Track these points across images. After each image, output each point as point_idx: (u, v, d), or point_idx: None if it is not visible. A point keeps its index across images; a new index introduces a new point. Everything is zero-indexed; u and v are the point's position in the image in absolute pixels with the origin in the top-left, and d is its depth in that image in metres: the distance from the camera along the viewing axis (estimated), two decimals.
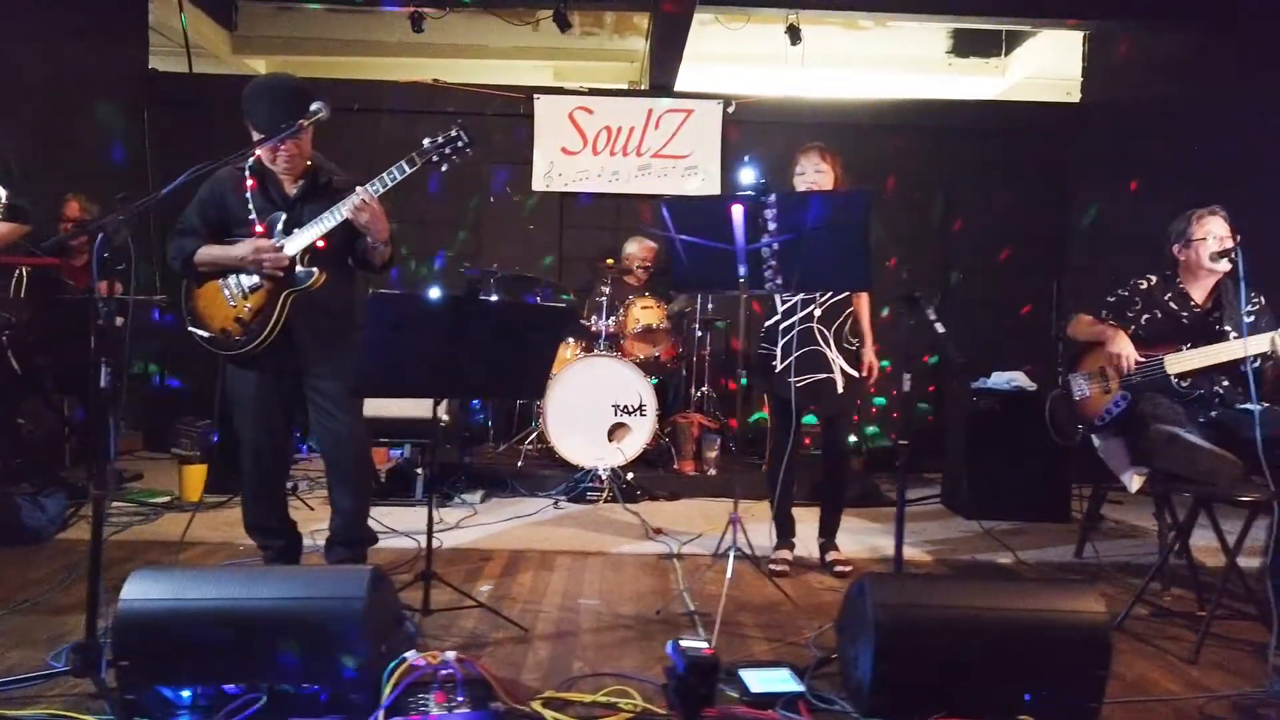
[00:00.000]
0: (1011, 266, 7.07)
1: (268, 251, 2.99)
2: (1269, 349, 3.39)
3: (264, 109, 2.97)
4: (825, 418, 3.83)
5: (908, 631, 2.21)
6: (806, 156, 3.70)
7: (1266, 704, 2.44)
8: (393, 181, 2.99)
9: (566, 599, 3.26)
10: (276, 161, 3.05)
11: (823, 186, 3.63)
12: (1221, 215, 3.60)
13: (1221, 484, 2.91)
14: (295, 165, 3.08)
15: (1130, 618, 3.13)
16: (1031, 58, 8.21)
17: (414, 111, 7.07)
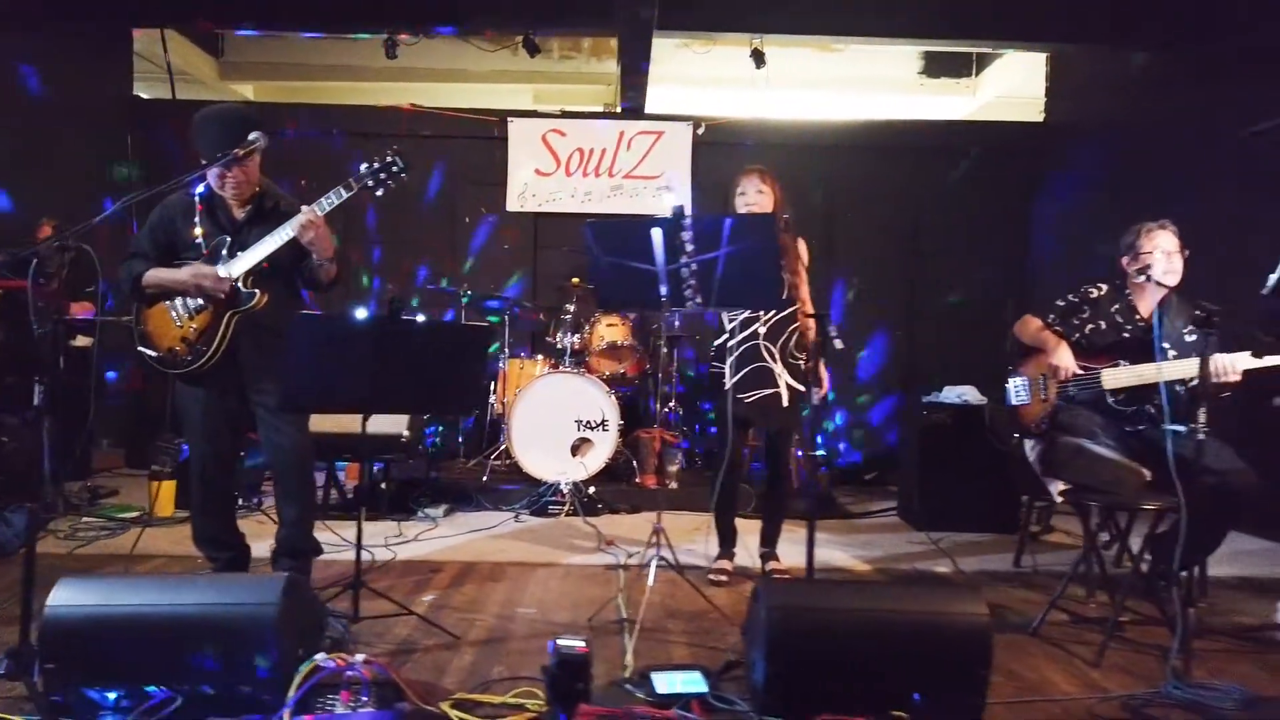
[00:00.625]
0: (978, 284, 7.19)
1: (208, 278, 3.12)
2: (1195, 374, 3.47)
3: (209, 137, 3.11)
4: (771, 432, 3.95)
5: (797, 633, 2.31)
6: (748, 179, 3.84)
7: (1155, 704, 2.53)
8: (330, 205, 3.12)
9: (505, 608, 3.38)
10: (225, 187, 3.19)
11: (763, 208, 3.76)
12: (1171, 230, 3.65)
13: (1126, 494, 3.01)
14: (242, 191, 3.22)
15: (1047, 623, 3.22)
16: (1002, 77, 8.37)
17: (391, 135, 7.24)
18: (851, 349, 7.11)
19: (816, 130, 7.41)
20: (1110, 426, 3.60)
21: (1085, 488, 3.11)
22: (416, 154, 7.11)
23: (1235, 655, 2.98)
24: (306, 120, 7.27)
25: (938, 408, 5.04)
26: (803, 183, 7.28)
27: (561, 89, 8.76)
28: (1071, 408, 3.57)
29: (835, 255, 7.32)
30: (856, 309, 7.33)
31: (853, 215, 7.28)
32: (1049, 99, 7.36)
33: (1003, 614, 3.44)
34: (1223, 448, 3.42)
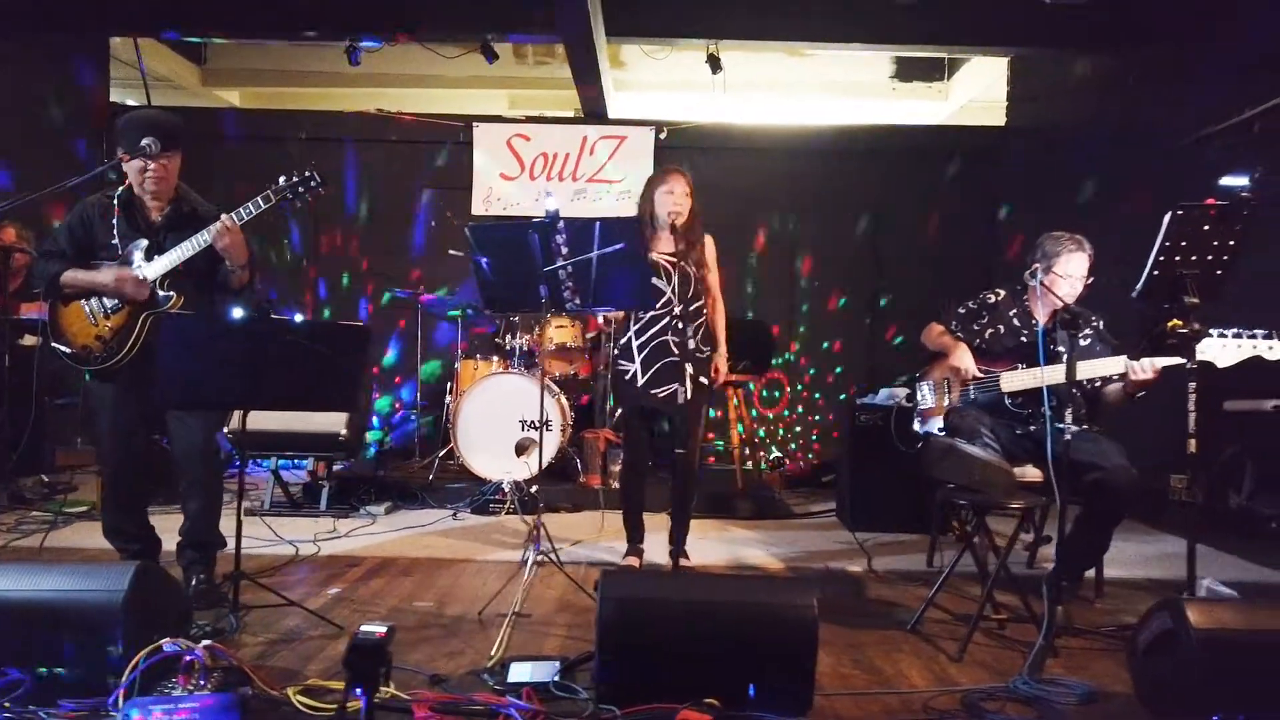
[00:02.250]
0: (941, 287, 7.20)
1: (129, 282, 3.23)
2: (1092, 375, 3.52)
3: (130, 140, 3.23)
4: (673, 427, 4.01)
5: (630, 622, 2.39)
6: (675, 179, 3.92)
7: (994, 698, 2.58)
8: (248, 215, 3.22)
9: (404, 602, 3.47)
10: (145, 184, 3.30)
11: (685, 210, 3.84)
12: (1086, 252, 3.66)
13: (994, 493, 3.06)
14: (161, 191, 3.33)
15: (928, 620, 3.28)
16: (973, 81, 8.38)
17: (361, 139, 7.41)
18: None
19: (779, 135, 7.48)
20: (1003, 427, 3.66)
21: (956, 486, 3.15)
22: (384, 158, 7.38)
23: (1102, 654, 3.01)
24: (276, 125, 7.43)
25: (870, 410, 5.08)
26: (766, 187, 7.36)
27: (536, 94, 8.86)
28: (961, 409, 3.63)
29: (799, 259, 7.38)
30: (820, 311, 7.37)
31: (818, 219, 7.34)
32: (1010, 103, 7.39)
33: (893, 611, 3.50)
34: (1110, 446, 3.47)
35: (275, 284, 7.27)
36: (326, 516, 4.89)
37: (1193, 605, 2.34)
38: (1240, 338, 3.18)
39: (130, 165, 3.23)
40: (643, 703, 2.35)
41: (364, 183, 7.38)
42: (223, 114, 8.58)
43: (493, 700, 2.41)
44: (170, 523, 3.43)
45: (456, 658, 2.86)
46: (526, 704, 2.37)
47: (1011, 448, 3.62)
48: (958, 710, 2.51)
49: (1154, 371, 3.27)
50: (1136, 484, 3.35)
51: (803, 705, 2.40)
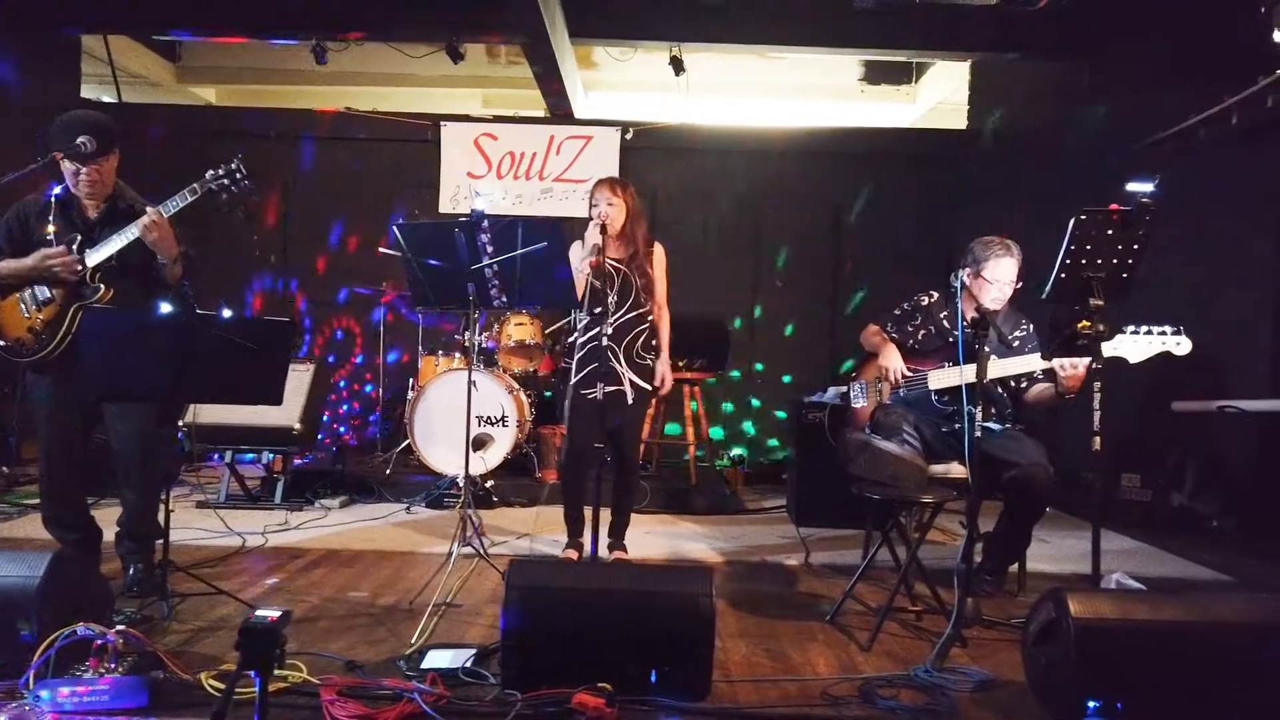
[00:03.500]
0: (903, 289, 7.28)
1: (56, 257, 3.28)
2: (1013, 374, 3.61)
3: (65, 140, 3.29)
4: (615, 426, 4.09)
5: (533, 611, 2.47)
6: (600, 190, 4.00)
7: (891, 686, 2.66)
8: (175, 208, 3.29)
9: (339, 591, 3.55)
10: (79, 186, 3.37)
11: (614, 218, 3.92)
12: (1014, 256, 3.75)
13: (906, 487, 3.15)
14: (97, 192, 3.39)
15: (848, 612, 3.36)
16: (940, 84, 8.46)
17: (329, 138, 7.48)
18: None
19: (746, 136, 7.55)
20: (930, 425, 3.74)
21: (870, 481, 3.24)
22: (353, 156, 7.44)
23: (1009, 644, 3.08)
24: (249, 122, 7.51)
25: (816, 407, 5.17)
26: (732, 188, 7.45)
27: (510, 94, 8.91)
28: (887, 407, 3.71)
29: (761, 260, 7.47)
30: (784, 312, 7.46)
31: (783, 220, 7.43)
32: (971, 107, 7.48)
33: (818, 603, 3.58)
34: (1030, 444, 3.56)
35: (242, 281, 7.34)
36: (281, 510, 4.96)
37: (1074, 596, 2.42)
38: (1150, 334, 3.27)
39: (66, 166, 3.29)
40: (547, 688, 2.43)
41: (333, 180, 7.44)
42: (197, 111, 8.68)
43: (400, 685, 2.49)
44: (112, 514, 3.50)
45: (378, 645, 2.93)
46: (431, 688, 2.45)
47: (937, 445, 3.70)
48: (853, 697, 2.59)
49: (1083, 368, 3.35)
50: (1053, 482, 3.44)
51: (700, 691, 2.49)
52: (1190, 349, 3.28)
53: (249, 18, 6.26)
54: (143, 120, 7.28)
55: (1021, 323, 3.86)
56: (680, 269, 4.44)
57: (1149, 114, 5.66)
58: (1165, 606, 2.47)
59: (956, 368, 3.62)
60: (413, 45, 6.89)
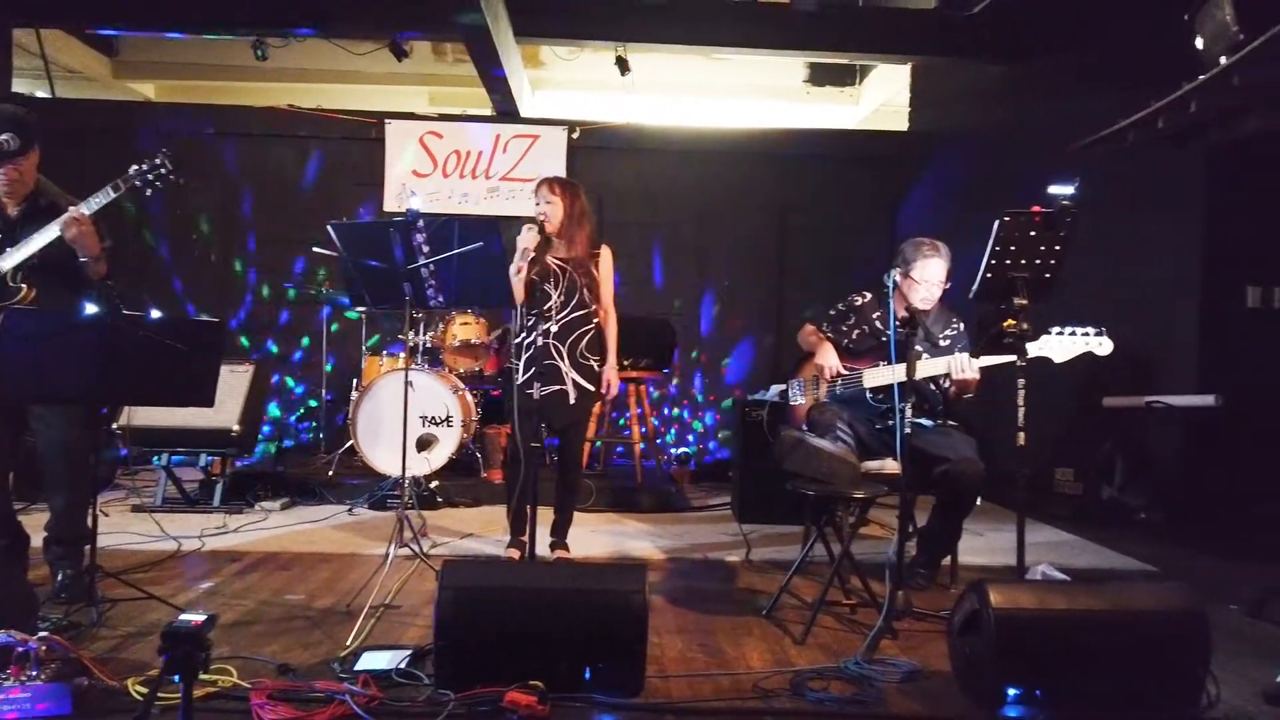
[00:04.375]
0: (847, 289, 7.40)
1: None
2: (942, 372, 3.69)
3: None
4: (558, 428, 4.10)
5: (467, 610, 2.47)
6: (539, 189, 4.02)
7: (822, 678, 2.72)
8: (97, 205, 3.23)
9: (275, 595, 3.51)
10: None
11: (552, 217, 3.93)
12: (942, 256, 3.84)
13: (839, 483, 3.21)
14: (16, 190, 3.31)
15: (785, 606, 3.42)
16: (883, 86, 8.60)
17: (270, 135, 7.38)
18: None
19: (692, 136, 7.60)
20: (865, 422, 3.82)
21: (804, 477, 3.29)
22: (297, 154, 7.35)
23: (939, 636, 3.14)
24: (189, 120, 7.38)
25: (758, 405, 5.23)
26: (679, 187, 7.49)
27: (456, 91, 8.89)
28: (822, 405, 3.78)
29: (707, 259, 7.52)
30: (727, 311, 7.52)
31: (726, 220, 7.49)
32: (913, 109, 7.61)
33: (756, 599, 3.63)
34: (961, 440, 3.65)
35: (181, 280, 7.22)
36: (219, 513, 4.89)
37: (995, 588, 2.49)
38: (1075, 335, 3.37)
39: None
40: (481, 687, 2.44)
41: (275, 178, 7.34)
42: (135, 107, 8.50)
43: (332, 687, 2.48)
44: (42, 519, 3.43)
45: (313, 648, 2.92)
46: (363, 690, 2.45)
47: (871, 441, 3.78)
48: (784, 690, 2.63)
49: (974, 371, 3.44)
50: (982, 476, 3.53)
51: (634, 687, 2.51)
52: (1112, 349, 3.39)
53: (188, 13, 6.15)
54: (78, 116, 7.12)
55: (953, 321, 3.95)
56: (627, 269, 4.48)
57: (1081, 117, 5.81)
58: (1081, 596, 2.56)
59: (890, 366, 3.69)
60: (356, 42, 6.82)
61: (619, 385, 4.20)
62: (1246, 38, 4.29)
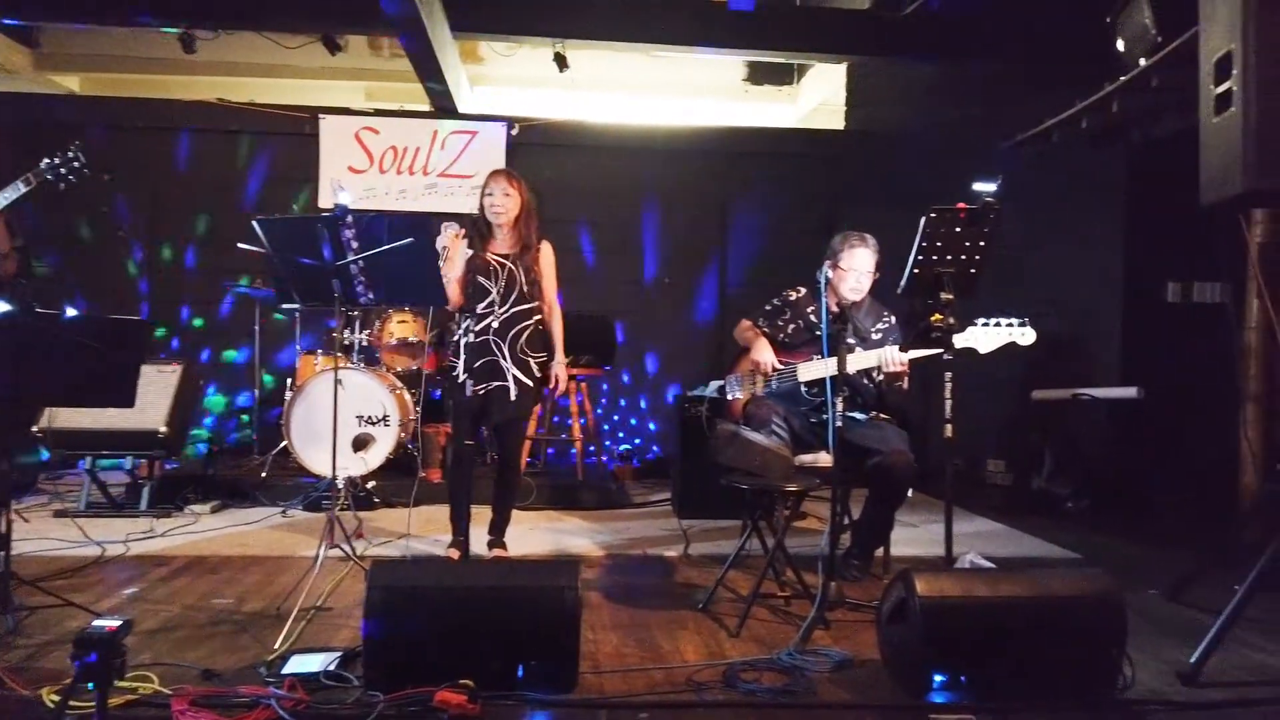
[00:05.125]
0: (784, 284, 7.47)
1: None
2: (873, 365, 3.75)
3: None
4: (498, 423, 4.07)
5: (396, 610, 2.44)
6: (495, 180, 3.99)
7: (754, 669, 2.74)
8: (7, 201, 3.13)
9: (202, 599, 3.43)
10: None
11: (508, 209, 3.91)
12: (870, 247, 3.92)
13: (773, 477, 3.24)
14: None
15: (721, 600, 3.44)
16: (821, 85, 8.69)
17: (200, 130, 7.20)
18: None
19: (632, 134, 7.60)
20: (798, 415, 3.86)
21: (739, 471, 3.32)
22: (227, 150, 7.18)
23: (871, 626, 3.19)
24: (114, 113, 7.16)
25: (697, 401, 5.25)
26: (619, 185, 7.49)
27: (392, 87, 8.75)
28: (758, 399, 3.82)
29: (648, 256, 7.53)
30: (668, 308, 7.54)
31: (667, 217, 7.51)
32: (849, 108, 7.71)
33: (693, 593, 3.65)
34: (893, 432, 3.71)
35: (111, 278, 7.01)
36: (146, 517, 4.77)
37: (921, 577, 2.54)
38: (999, 326, 3.46)
39: None
40: (412, 688, 2.41)
41: (205, 173, 7.16)
42: (58, 101, 8.23)
43: (257, 691, 2.43)
44: None
45: (240, 653, 2.85)
46: (289, 694, 2.40)
47: (805, 435, 3.83)
48: (717, 682, 2.65)
49: (901, 364, 3.50)
50: (913, 467, 3.60)
51: (567, 683, 2.51)
52: (1034, 339, 3.48)
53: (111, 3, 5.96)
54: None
55: (884, 315, 4.02)
56: (567, 266, 4.45)
57: (1010, 116, 5.96)
58: (1004, 584, 2.62)
59: (824, 360, 3.74)
60: (288, 35, 6.68)
61: (566, 381, 4.18)
62: (1164, 40, 4.45)
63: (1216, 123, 2.96)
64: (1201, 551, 3.79)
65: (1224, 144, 2.91)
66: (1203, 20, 3.08)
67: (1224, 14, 2.96)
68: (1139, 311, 5.73)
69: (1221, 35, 2.95)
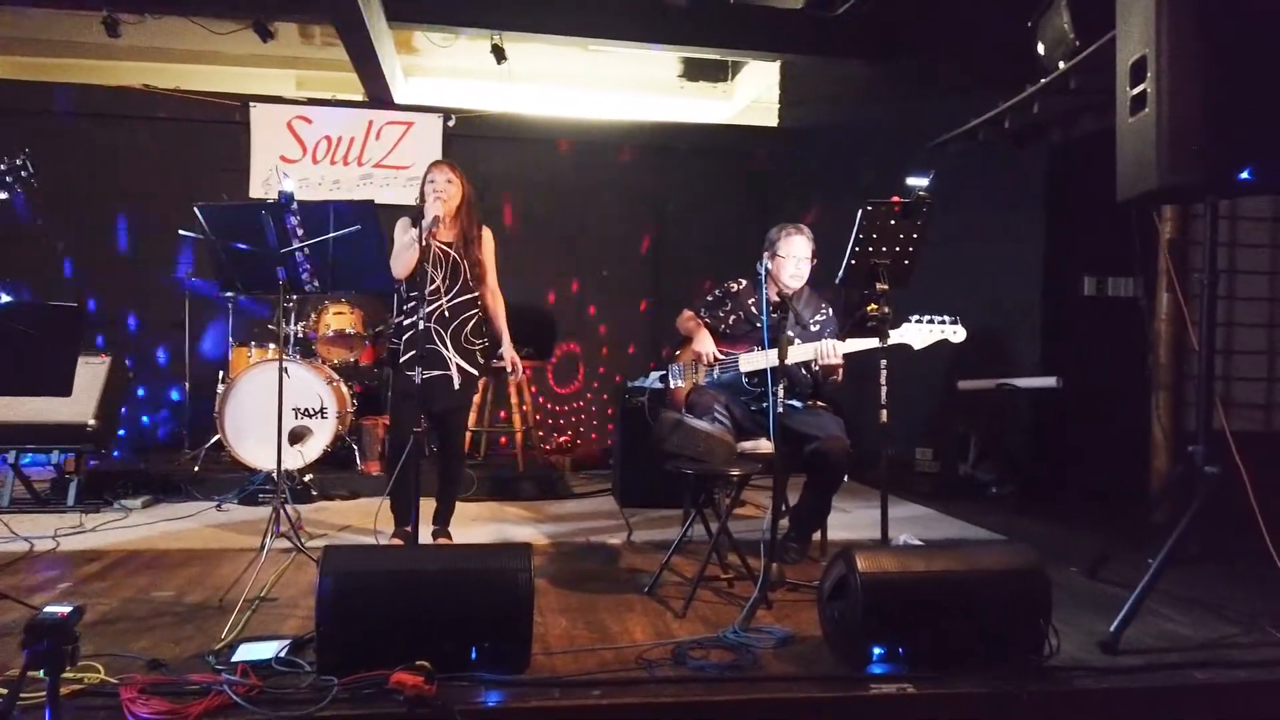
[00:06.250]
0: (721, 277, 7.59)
1: None
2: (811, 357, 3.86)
3: None
4: (441, 412, 4.08)
5: (348, 595, 2.46)
6: (438, 169, 3.97)
7: (701, 647, 2.82)
8: None
9: (140, 592, 3.38)
10: None
11: (450, 195, 3.91)
12: (805, 235, 4.04)
13: (716, 462, 3.33)
14: None
15: (665, 584, 3.52)
16: (755, 82, 8.84)
17: (124, 116, 7.00)
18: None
19: (569, 127, 7.64)
20: (741, 404, 3.96)
21: (683, 457, 3.40)
22: (155, 137, 7.00)
23: (810, 605, 3.29)
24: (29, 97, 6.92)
25: (638, 392, 5.33)
26: (556, 178, 7.52)
27: (324, 75, 8.61)
28: (700, 388, 3.91)
29: (585, 249, 7.58)
30: (605, 300, 7.60)
31: (605, 210, 7.57)
32: (782, 105, 7.87)
33: (638, 577, 3.72)
34: (829, 420, 3.83)
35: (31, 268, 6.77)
36: (74, 512, 4.64)
37: (861, 553, 2.65)
38: (932, 323, 3.61)
39: None
40: (365, 669, 2.42)
41: (131, 162, 6.97)
42: None
43: (209, 679, 2.42)
44: None
45: (185, 643, 2.82)
46: (242, 679, 2.40)
47: (746, 423, 3.93)
48: (666, 660, 2.73)
49: (837, 356, 3.63)
50: (849, 453, 3.72)
51: (520, 664, 2.55)
52: (965, 337, 3.64)
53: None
54: None
55: (822, 307, 4.15)
56: (505, 258, 4.47)
57: (938, 115, 6.16)
58: (939, 559, 2.75)
59: (763, 351, 3.85)
60: (217, 21, 6.54)
61: (520, 363, 4.22)
62: (1082, 45, 4.66)
63: (1132, 123, 3.14)
64: (1117, 531, 4.00)
65: (1139, 143, 3.10)
66: (1119, 26, 3.26)
67: (1138, 21, 3.14)
68: (1058, 305, 5.98)
69: (1136, 41, 3.13)
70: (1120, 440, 5.42)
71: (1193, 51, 2.94)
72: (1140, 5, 3.12)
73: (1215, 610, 3.34)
